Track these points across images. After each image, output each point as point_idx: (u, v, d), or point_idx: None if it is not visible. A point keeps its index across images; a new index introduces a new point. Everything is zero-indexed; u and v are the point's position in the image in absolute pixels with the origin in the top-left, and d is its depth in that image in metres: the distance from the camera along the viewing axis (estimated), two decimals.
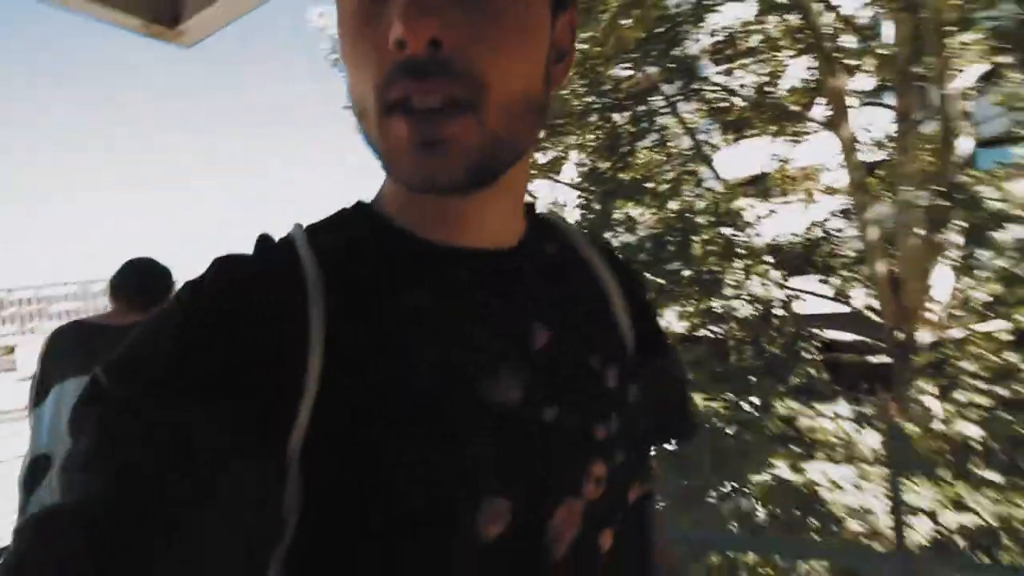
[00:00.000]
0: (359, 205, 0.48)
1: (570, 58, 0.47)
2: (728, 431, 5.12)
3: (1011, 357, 4.53)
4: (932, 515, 3.62)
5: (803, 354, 6.15)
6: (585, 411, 0.46)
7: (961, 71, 4.94)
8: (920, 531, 3.60)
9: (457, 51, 0.38)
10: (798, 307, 6.45)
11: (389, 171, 0.42)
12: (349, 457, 0.37)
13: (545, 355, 0.45)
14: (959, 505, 3.66)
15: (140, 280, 1.88)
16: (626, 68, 7.28)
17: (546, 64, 0.43)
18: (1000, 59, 4.63)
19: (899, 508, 2.59)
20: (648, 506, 0.52)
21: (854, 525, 3.86)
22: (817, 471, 4.33)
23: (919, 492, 3.72)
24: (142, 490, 0.31)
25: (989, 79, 5.20)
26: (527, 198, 0.52)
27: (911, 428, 4.42)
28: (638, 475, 0.49)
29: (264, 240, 0.44)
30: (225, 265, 0.41)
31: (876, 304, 5.91)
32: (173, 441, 0.32)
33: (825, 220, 6.86)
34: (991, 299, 4.92)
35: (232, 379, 0.35)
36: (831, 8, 5.99)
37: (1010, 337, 4.72)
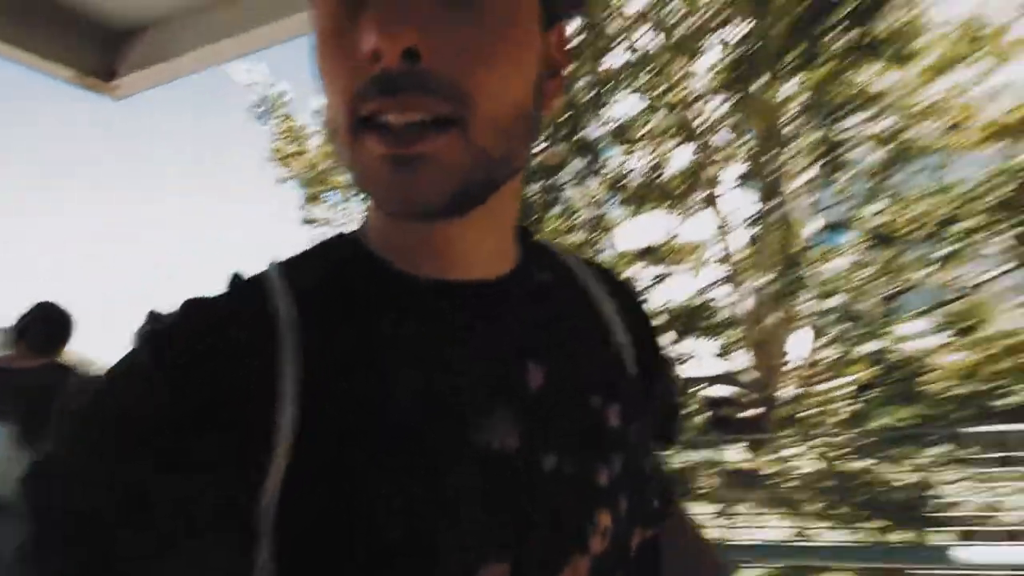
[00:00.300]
0: (341, 237, 0.46)
1: (563, 76, 0.44)
2: None
3: (850, 408, 5.32)
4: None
5: (689, 409, 6.78)
6: (586, 456, 0.43)
7: (804, 168, 5.99)
8: None
9: (438, 63, 0.35)
10: (691, 366, 7.13)
11: (366, 194, 0.40)
12: (328, 499, 0.35)
13: (541, 396, 0.42)
14: (805, 536, 4.21)
15: (44, 324, 1.96)
16: (537, 144, 7.99)
17: (537, 79, 0.41)
18: (824, 162, 5.69)
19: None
20: (654, 552, 0.48)
21: None
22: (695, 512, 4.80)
23: (776, 527, 4.23)
24: (96, 568, 0.31)
25: (829, 174, 6.32)
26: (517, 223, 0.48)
27: (773, 471, 5.01)
28: (639, 520, 0.46)
29: (235, 279, 0.41)
30: (190, 308, 0.39)
31: (749, 363, 6.69)
32: (126, 511, 0.31)
33: (706, 289, 7.71)
34: (836, 359, 5.78)
35: (194, 435, 0.33)
36: (705, 107, 7.04)
37: (851, 391, 5.55)
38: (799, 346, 6.19)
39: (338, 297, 0.41)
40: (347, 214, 8.70)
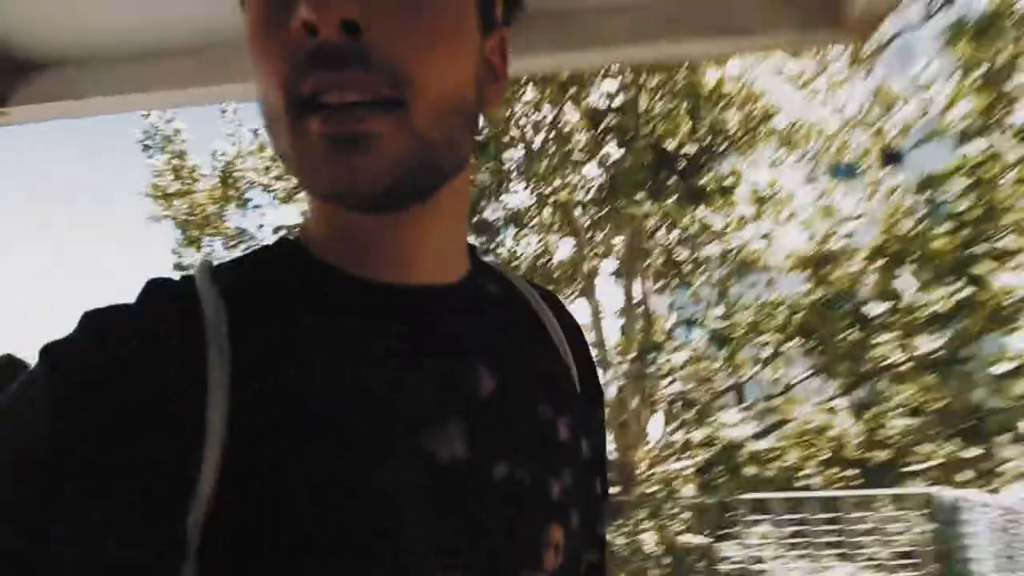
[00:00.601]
0: (281, 239, 0.45)
1: (503, 82, 0.45)
2: None
3: (687, 488, 6.05)
4: None
5: None
6: (538, 467, 0.42)
7: (661, 273, 7.01)
8: None
9: (378, 39, 0.34)
10: None
11: (304, 181, 0.38)
12: (260, 500, 0.34)
13: (492, 403, 0.41)
14: None
15: None
16: None
17: (476, 78, 0.40)
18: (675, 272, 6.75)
19: None
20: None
21: None
22: None
23: None
24: None
25: (681, 280, 7.39)
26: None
27: (623, 545, 5.56)
28: (589, 541, 0.46)
29: (153, 285, 0.39)
30: (97, 320, 0.36)
31: (613, 444, 7.35)
32: (36, 547, 0.29)
33: None
34: (681, 442, 6.59)
35: (111, 461, 0.31)
36: (584, 210, 8.00)
37: (690, 472, 6.31)
38: (656, 429, 6.97)
39: (273, 299, 0.39)
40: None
